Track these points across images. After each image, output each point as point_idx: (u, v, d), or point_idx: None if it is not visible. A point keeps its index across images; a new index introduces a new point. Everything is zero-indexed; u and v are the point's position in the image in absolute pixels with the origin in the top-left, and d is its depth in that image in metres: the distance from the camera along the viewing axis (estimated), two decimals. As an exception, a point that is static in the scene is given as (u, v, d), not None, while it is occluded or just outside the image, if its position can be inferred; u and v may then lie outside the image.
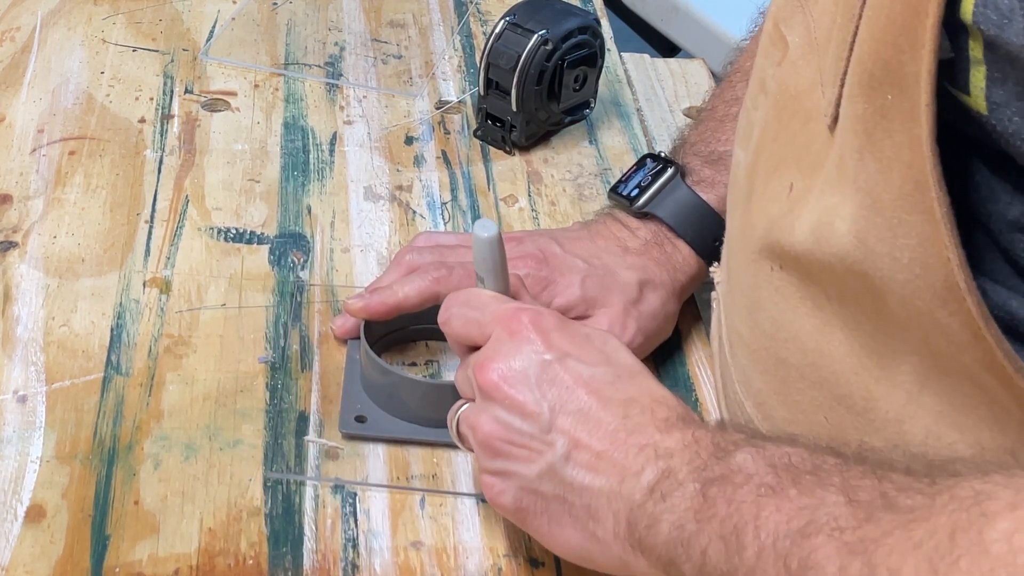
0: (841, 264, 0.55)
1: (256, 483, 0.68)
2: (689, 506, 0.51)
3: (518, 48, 0.90)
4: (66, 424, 0.70)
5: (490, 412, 0.58)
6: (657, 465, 0.53)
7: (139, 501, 0.66)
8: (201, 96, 0.98)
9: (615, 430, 0.55)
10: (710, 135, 0.83)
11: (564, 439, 0.56)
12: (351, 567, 0.64)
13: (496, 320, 0.59)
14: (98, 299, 0.79)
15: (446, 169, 0.93)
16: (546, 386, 0.57)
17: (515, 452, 0.57)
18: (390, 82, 1.02)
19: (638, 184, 0.80)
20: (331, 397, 0.73)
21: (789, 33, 0.61)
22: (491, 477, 0.59)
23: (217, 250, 0.83)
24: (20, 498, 0.66)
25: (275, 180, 0.90)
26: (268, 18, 1.09)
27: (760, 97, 0.66)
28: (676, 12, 1.61)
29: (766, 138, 0.63)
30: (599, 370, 0.57)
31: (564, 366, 0.57)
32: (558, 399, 0.56)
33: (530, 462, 0.57)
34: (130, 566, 0.63)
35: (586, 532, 0.56)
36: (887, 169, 0.50)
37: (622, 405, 0.56)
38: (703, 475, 0.51)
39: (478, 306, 0.61)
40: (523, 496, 0.58)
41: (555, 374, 0.57)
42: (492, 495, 0.59)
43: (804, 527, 0.47)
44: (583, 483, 0.55)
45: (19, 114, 0.95)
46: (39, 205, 0.86)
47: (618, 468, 0.54)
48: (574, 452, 0.55)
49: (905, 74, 0.48)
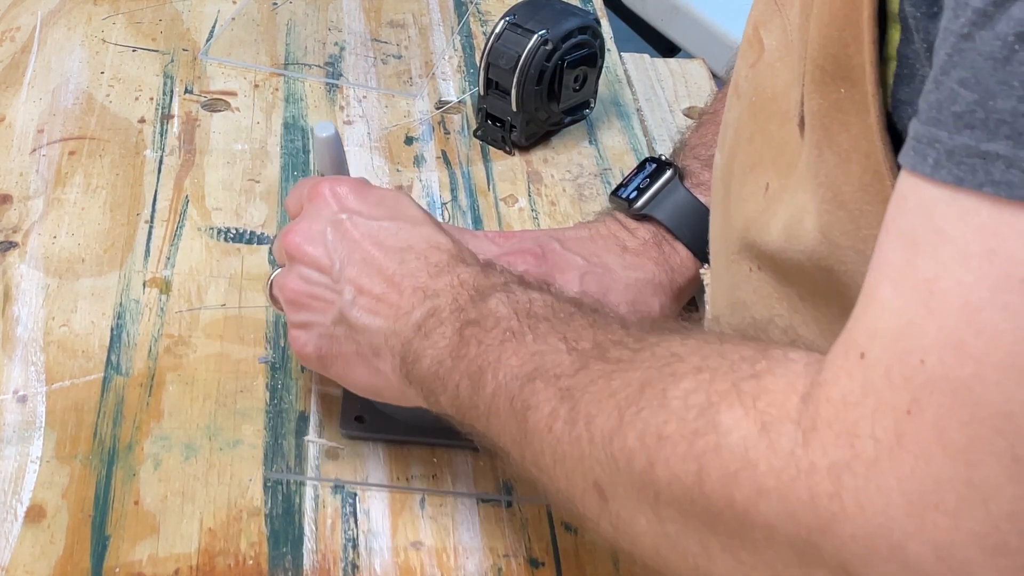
0: (809, 261, 0.55)
1: (256, 483, 0.68)
2: (447, 344, 0.57)
3: (518, 48, 0.90)
4: (66, 424, 0.70)
5: (295, 271, 0.64)
6: (425, 305, 0.59)
7: (139, 501, 0.66)
8: (201, 96, 0.98)
9: (392, 275, 0.61)
10: (710, 138, 0.83)
11: (351, 287, 0.62)
12: (351, 567, 0.64)
13: (308, 195, 0.66)
14: (98, 299, 0.79)
15: (446, 169, 0.93)
16: (337, 242, 0.63)
17: (314, 304, 0.64)
18: (390, 82, 1.02)
19: (637, 186, 0.81)
20: (331, 397, 0.73)
21: (767, 36, 0.62)
22: (296, 330, 0.65)
23: (217, 250, 0.83)
24: (20, 498, 0.66)
25: (275, 180, 0.90)
26: (268, 18, 1.09)
27: (733, 99, 0.66)
28: (676, 12, 1.61)
29: (740, 139, 0.64)
30: (384, 224, 0.63)
31: (353, 223, 0.63)
32: (346, 252, 0.62)
33: (325, 311, 0.63)
34: (130, 566, 0.63)
35: (372, 368, 0.62)
36: (846, 162, 0.50)
37: (400, 252, 0.62)
38: (462, 316, 0.58)
39: (304, 185, 0.68)
40: (322, 343, 0.64)
41: (345, 230, 0.63)
42: (298, 347, 0.65)
43: (531, 372, 0.52)
44: (366, 324, 0.61)
45: (19, 114, 0.95)
46: (39, 205, 0.86)
47: (394, 309, 0.60)
48: (359, 298, 0.61)
49: (852, 67, 0.48)
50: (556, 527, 0.67)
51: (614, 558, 0.66)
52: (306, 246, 0.64)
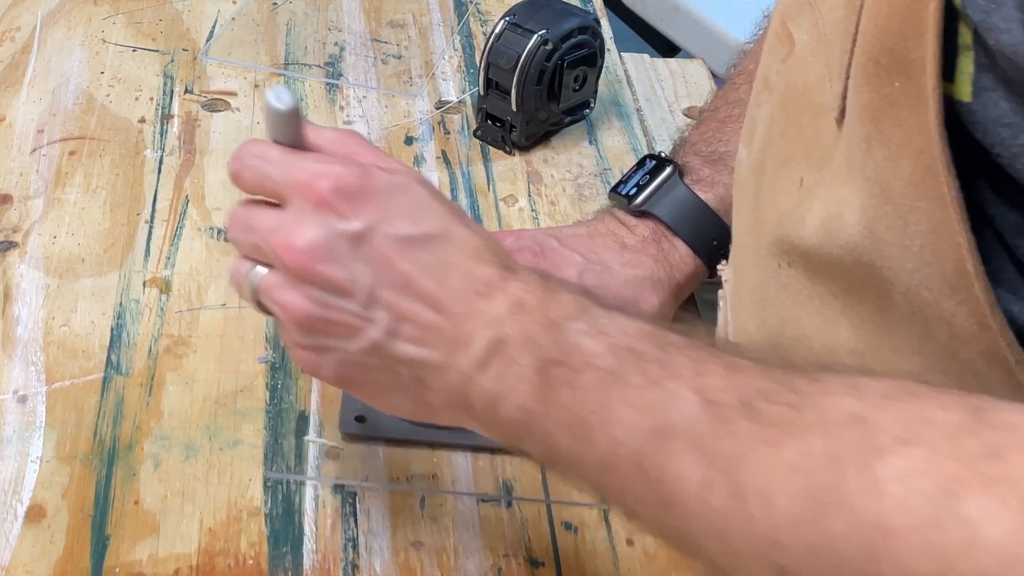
0: (849, 256, 0.54)
1: (256, 483, 0.68)
2: (529, 388, 0.50)
3: (518, 48, 0.90)
4: (66, 424, 0.70)
5: (301, 291, 0.54)
6: (484, 335, 0.52)
7: (139, 501, 0.66)
8: (201, 96, 0.98)
9: (437, 298, 0.53)
10: (711, 135, 0.83)
11: (387, 314, 0.53)
12: (351, 567, 0.64)
13: (294, 187, 0.54)
14: (98, 299, 0.79)
15: (446, 169, 0.93)
16: (361, 260, 0.53)
17: (334, 330, 0.54)
18: (390, 82, 1.02)
19: (636, 183, 0.81)
20: (331, 397, 0.73)
21: (796, 30, 0.62)
22: (305, 352, 0.56)
23: (217, 250, 0.83)
24: (20, 498, 0.66)
25: (275, 180, 0.90)
26: (268, 18, 1.09)
27: (764, 94, 0.66)
28: (676, 12, 1.61)
29: (772, 134, 0.63)
30: (411, 232, 0.54)
31: (376, 234, 0.53)
32: (375, 272, 0.53)
33: (351, 338, 0.54)
34: (130, 566, 0.63)
35: (417, 399, 0.55)
36: (896, 157, 0.50)
37: (439, 268, 0.53)
38: (538, 353, 0.50)
39: (273, 160, 0.55)
40: (345, 368, 0.55)
41: (368, 245, 0.53)
42: (309, 368, 0.56)
43: (657, 427, 0.46)
44: (411, 356, 0.53)
45: (19, 114, 0.95)
46: (39, 205, 0.86)
47: (446, 339, 0.52)
48: (398, 326, 0.53)
49: (911, 60, 0.48)
50: (556, 527, 0.67)
51: (614, 558, 0.66)
52: (319, 266, 0.53)
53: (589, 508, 0.68)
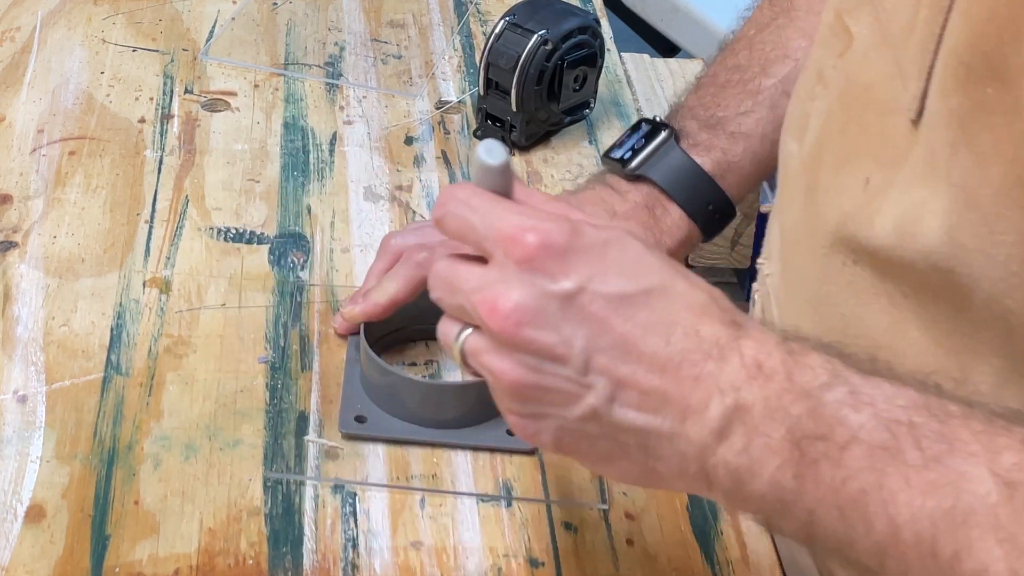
0: (926, 261, 0.53)
1: (256, 483, 0.68)
2: (782, 462, 0.46)
3: (518, 48, 0.90)
4: (66, 424, 0.70)
5: (512, 358, 0.50)
6: (722, 403, 0.48)
7: (139, 501, 0.66)
8: (201, 96, 0.98)
9: (662, 363, 0.49)
10: (710, 100, 0.81)
11: (605, 379, 0.49)
12: (351, 567, 0.64)
13: (498, 241, 0.50)
14: (98, 299, 0.79)
15: (446, 169, 0.93)
16: (573, 322, 0.49)
17: (549, 397, 0.50)
18: (390, 82, 1.02)
19: (631, 147, 0.78)
20: (331, 397, 0.73)
21: (854, 24, 0.60)
22: (520, 418, 0.52)
23: (217, 250, 0.83)
24: (20, 498, 0.66)
25: (275, 180, 0.90)
26: (268, 18, 1.09)
27: (818, 88, 0.64)
28: (676, 12, 1.61)
29: (831, 130, 0.62)
30: (626, 289, 0.50)
31: (588, 294, 0.49)
32: (589, 335, 0.49)
33: (568, 405, 0.50)
34: (130, 566, 0.63)
35: (645, 468, 0.51)
36: (985, 164, 0.48)
37: (663, 330, 0.49)
38: (790, 423, 0.46)
39: (479, 209, 0.52)
40: (563, 436, 0.52)
41: (580, 306, 0.49)
42: (526, 436, 0.53)
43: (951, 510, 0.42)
44: (636, 424, 0.49)
45: (19, 114, 0.95)
46: (39, 205, 0.86)
47: (675, 405, 0.48)
48: (619, 392, 0.49)
49: (1008, 67, 0.46)
50: (556, 527, 0.67)
51: (614, 558, 0.66)
52: (529, 331, 0.49)
53: (589, 508, 0.68)
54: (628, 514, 0.68)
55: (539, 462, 0.71)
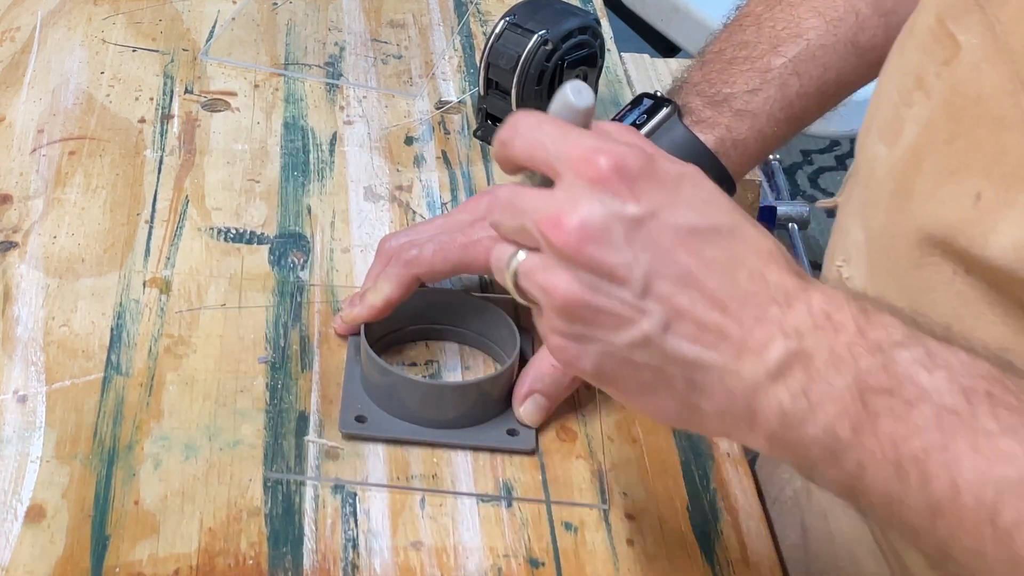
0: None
1: (256, 483, 0.68)
2: (839, 411, 0.46)
3: (518, 48, 0.90)
4: (66, 424, 0.70)
5: (570, 274, 0.49)
6: (783, 345, 0.47)
7: (139, 501, 0.66)
8: (201, 96, 0.98)
9: (723, 298, 0.48)
10: (715, 76, 0.80)
11: (662, 307, 0.48)
12: (351, 567, 0.64)
13: (569, 161, 0.49)
14: (98, 299, 0.79)
15: (446, 169, 0.93)
16: (638, 246, 0.48)
17: (601, 319, 0.49)
18: (390, 82, 1.02)
19: (633, 122, 0.78)
20: (331, 397, 0.73)
21: (961, 32, 0.58)
22: (565, 340, 0.51)
23: (217, 250, 0.83)
24: (20, 498, 0.66)
25: (275, 180, 0.90)
26: (268, 18, 1.09)
27: (917, 94, 0.62)
28: (676, 12, 1.61)
29: (934, 139, 0.60)
30: (696, 223, 0.49)
31: (657, 221, 0.48)
32: (653, 260, 0.48)
33: (619, 329, 0.49)
34: (130, 566, 0.63)
35: (686, 404, 0.50)
36: None
37: (727, 267, 0.49)
38: (857, 374, 0.46)
39: (551, 132, 0.51)
40: (607, 362, 0.50)
41: (647, 232, 0.48)
42: (566, 358, 0.51)
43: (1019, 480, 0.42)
44: (688, 356, 0.48)
45: (19, 114, 0.95)
46: (39, 205, 0.86)
47: (733, 342, 0.48)
48: (675, 322, 0.48)
49: None
50: (556, 527, 0.67)
51: (614, 558, 0.66)
52: (593, 248, 0.48)
53: (589, 508, 0.68)
54: (628, 514, 0.68)
55: (539, 462, 0.71)
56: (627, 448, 0.72)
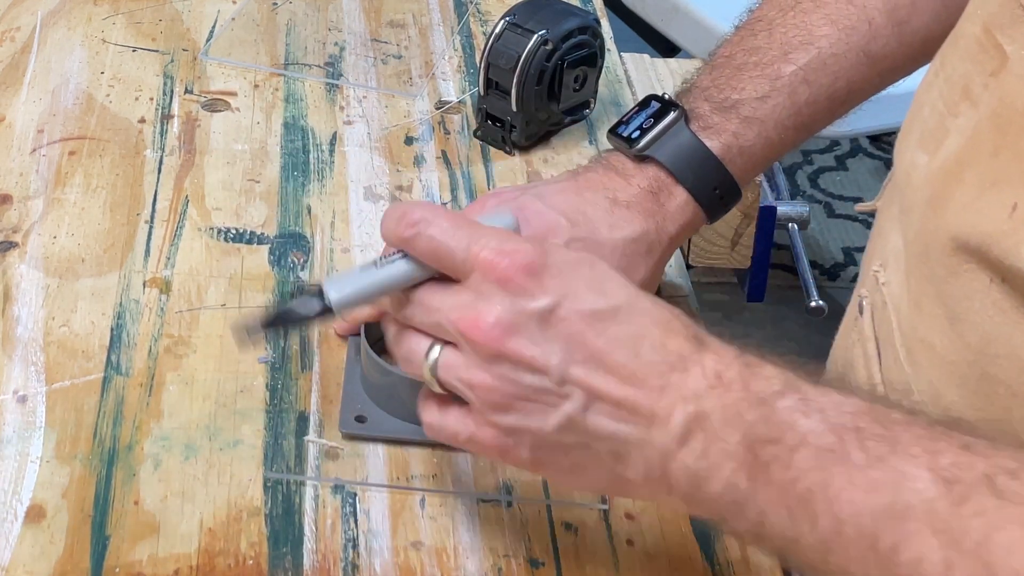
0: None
1: (256, 483, 0.68)
2: (736, 465, 0.50)
3: (518, 48, 0.90)
4: (66, 424, 0.70)
5: (492, 370, 0.54)
6: (684, 410, 0.52)
7: (139, 501, 0.66)
8: (201, 96, 0.98)
9: (632, 374, 0.53)
10: (724, 82, 0.79)
11: (580, 389, 0.53)
12: (351, 567, 0.64)
13: (477, 264, 0.55)
14: (98, 299, 0.79)
15: (446, 169, 0.93)
16: (550, 335, 0.53)
17: (528, 407, 0.54)
18: (390, 82, 1.02)
19: (639, 126, 0.77)
20: (331, 397, 0.73)
21: (1008, 43, 0.58)
22: (498, 434, 0.56)
23: (217, 250, 0.83)
24: (20, 498, 0.66)
25: (275, 180, 0.90)
26: (268, 18, 1.09)
27: (963, 104, 0.62)
28: (676, 12, 1.61)
29: (979, 150, 0.60)
30: (598, 305, 0.54)
31: (563, 310, 0.54)
32: (565, 347, 0.53)
33: (545, 416, 0.54)
34: (130, 566, 0.63)
35: (612, 475, 0.55)
36: None
37: (633, 343, 0.53)
38: (745, 428, 0.50)
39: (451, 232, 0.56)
40: (540, 448, 0.55)
41: (556, 320, 0.53)
42: (503, 451, 0.56)
43: (888, 507, 0.45)
44: (607, 431, 0.53)
45: (19, 114, 0.95)
46: (39, 205, 0.86)
47: (643, 415, 0.52)
48: (593, 402, 0.53)
49: None
50: (556, 527, 0.67)
51: (614, 558, 0.66)
52: (512, 343, 0.53)
53: (589, 508, 0.68)
54: (628, 514, 0.68)
55: (539, 462, 0.71)
56: (627, 448, 0.72)
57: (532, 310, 0.53)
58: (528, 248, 0.54)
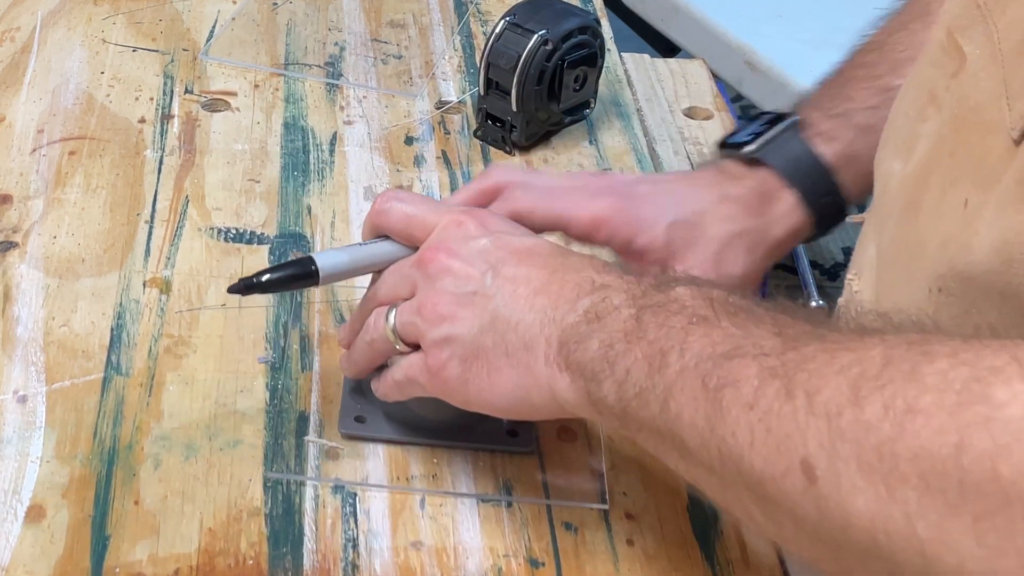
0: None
1: (256, 483, 0.68)
2: (621, 328, 0.55)
3: (518, 48, 0.90)
4: (66, 424, 0.70)
5: (435, 287, 0.62)
6: (593, 295, 0.57)
7: (139, 501, 0.66)
8: (201, 96, 0.98)
9: (553, 270, 0.60)
10: (836, 91, 0.80)
11: (507, 284, 0.61)
12: (351, 567, 0.64)
13: (442, 221, 0.65)
14: (98, 299, 0.79)
15: (446, 169, 0.93)
16: (488, 254, 0.62)
17: (460, 312, 0.61)
18: (390, 82, 1.02)
19: (753, 132, 0.78)
20: (331, 397, 0.73)
21: (967, 44, 0.59)
22: (436, 350, 0.62)
23: (217, 250, 0.83)
24: (20, 498, 0.66)
25: (275, 180, 0.90)
26: (268, 18, 1.09)
27: (930, 109, 0.62)
28: (676, 12, 1.61)
29: (941, 153, 0.60)
30: (538, 242, 0.63)
31: (505, 240, 0.63)
32: (499, 260, 0.62)
33: (472, 319, 0.61)
34: (130, 566, 0.63)
35: (521, 367, 0.59)
36: None
37: (559, 257, 0.61)
38: (639, 302, 0.55)
39: (421, 207, 0.66)
40: (467, 355, 0.61)
41: (497, 246, 0.62)
42: (438, 367, 0.62)
43: (729, 351, 0.49)
44: (520, 318, 0.59)
45: (19, 114, 0.95)
46: (39, 205, 0.86)
47: (554, 298, 0.59)
48: (516, 290, 0.60)
49: None
50: (556, 527, 0.67)
51: (614, 558, 0.66)
52: (455, 261, 0.62)
53: (589, 508, 0.68)
54: (628, 514, 0.68)
55: (539, 462, 0.71)
56: (627, 448, 0.72)
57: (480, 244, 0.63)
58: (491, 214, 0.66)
